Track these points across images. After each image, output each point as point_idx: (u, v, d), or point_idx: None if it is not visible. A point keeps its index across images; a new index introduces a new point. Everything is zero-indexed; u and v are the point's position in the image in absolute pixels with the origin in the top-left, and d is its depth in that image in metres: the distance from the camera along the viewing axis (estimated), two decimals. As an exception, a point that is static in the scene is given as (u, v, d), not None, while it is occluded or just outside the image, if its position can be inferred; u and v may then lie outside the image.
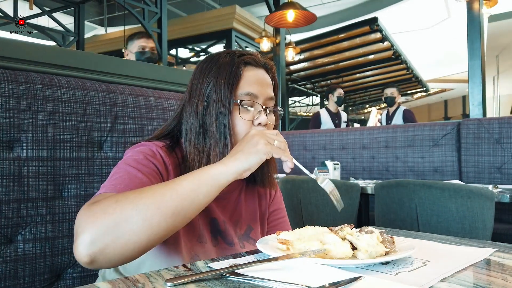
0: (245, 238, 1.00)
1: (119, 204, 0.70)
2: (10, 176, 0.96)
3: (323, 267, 0.66)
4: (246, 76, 0.92)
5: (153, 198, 0.71)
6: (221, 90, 0.90)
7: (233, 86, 0.90)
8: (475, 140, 2.98)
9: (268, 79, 0.97)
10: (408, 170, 3.33)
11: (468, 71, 3.61)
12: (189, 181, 0.75)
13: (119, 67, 1.44)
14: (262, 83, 0.94)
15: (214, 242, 0.95)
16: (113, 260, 0.69)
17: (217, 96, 0.90)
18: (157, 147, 0.90)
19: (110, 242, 0.67)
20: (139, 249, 0.70)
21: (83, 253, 0.66)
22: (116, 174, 0.83)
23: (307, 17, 4.31)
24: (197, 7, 10.45)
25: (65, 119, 1.06)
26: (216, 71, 0.92)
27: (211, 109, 0.90)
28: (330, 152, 3.77)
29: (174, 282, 0.58)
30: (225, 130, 0.89)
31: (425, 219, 1.90)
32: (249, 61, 0.94)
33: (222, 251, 0.94)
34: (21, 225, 0.97)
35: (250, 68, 0.94)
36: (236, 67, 0.92)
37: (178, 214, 0.72)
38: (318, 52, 9.77)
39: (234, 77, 0.91)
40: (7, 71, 1.00)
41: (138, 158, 0.86)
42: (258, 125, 0.91)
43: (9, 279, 0.94)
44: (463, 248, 0.82)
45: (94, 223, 0.67)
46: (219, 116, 0.89)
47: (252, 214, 1.04)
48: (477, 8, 3.61)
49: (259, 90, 0.92)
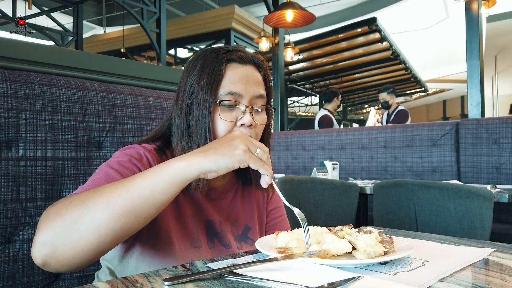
0: (243, 238, 0.99)
1: (71, 205, 0.67)
2: (8, 176, 0.95)
3: (322, 267, 0.66)
4: (229, 74, 0.88)
5: (102, 197, 0.67)
6: (203, 89, 0.86)
7: (214, 85, 0.86)
8: (473, 140, 2.99)
9: (256, 76, 0.92)
10: (406, 170, 3.34)
11: (466, 71, 3.62)
12: (144, 177, 0.69)
13: (118, 67, 1.44)
14: (248, 81, 0.89)
15: (210, 245, 0.93)
16: (65, 264, 0.66)
17: (199, 95, 0.87)
18: (145, 151, 0.88)
19: (59, 245, 0.65)
20: (89, 252, 0.67)
21: (36, 255, 0.65)
22: (95, 175, 0.82)
23: (306, 17, 4.31)
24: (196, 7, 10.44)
25: (63, 119, 1.06)
26: (200, 69, 0.89)
27: (193, 109, 0.87)
28: (329, 152, 3.77)
29: (172, 282, 0.58)
30: (206, 132, 0.85)
31: (424, 219, 1.90)
32: (233, 58, 0.90)
33: (219, 253, 0.92)
34: (20, 225, 0.97)
35: (234, 65, 0.90)
36: (218, 65, 0.88)
37: (130, 213, 0.67)
38: (317, 52, 9.78)
39: (216, 76, 0.87)
40: (5, 71, 1.00)
41: (122, 160, 0.84)
42: (241, 126, 0.86)
43: (7, 279, 0.93)
44: (461, 248, 0.82)
45: (47, 224, 0.66)
46: (200, 116, 0.86)
47: (249, 213, 1.02)
48: (475, 9, 3.62)
49: (243, 89, 0.88)
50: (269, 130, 0.98)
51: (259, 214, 1.05)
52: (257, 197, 1.06)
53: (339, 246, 0.70)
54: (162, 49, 6.53)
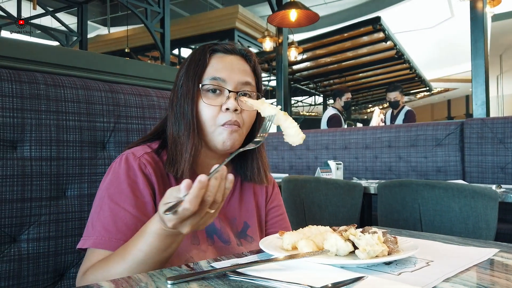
0: (242, 235, 1.00)
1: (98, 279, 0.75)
2: (13, 175, 0.96)
3: (325, 267, 0.66)
4: (213, 62, 0.93)
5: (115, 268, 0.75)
6: (189, 79, 0.91)
7: (198, 73, 0.91)
8: (478, 139, 2.97)
9: (243, 64, 0.95)
10: (411, 170, 3.32)
11: (471, 70, 3.60)
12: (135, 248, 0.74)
13: (122, 67, 1.44)
14: (233, 68, 0.93)
15: (210, 241, 0.94)
16: None
17: (185, 85, 0.91)
18: (140, 162, 0.89)
19: None
20: None
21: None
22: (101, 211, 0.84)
23: (310, 16, 4.31)
24: (199, 7, 10.46)
25: (68, 119, 1.06)
26: (188, 63, 0.94)
27: (181, 99, 0.92)
28: (332, 152, 3.77)
29: (176, 281, 0.58)
30: (191, 118, 0.89)
31: (428, 219, 1.89)
32: (218, 48, 0.95)
33: (219, 250, 0.94)
34: (25, 225, 0.97)
35: (219, 55, 0.94)
36: (204, 56, 0.93)
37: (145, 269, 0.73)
38: (321, 51, 9.76)
39: (200, 65, 0.92)
40: (10, 71, 1.01)
41: (121, 188, 0.86)
42: (226, 111, 0.89)
43: (13, 278, 0.94)
44: (466, 248, 0.81)
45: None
46: (185, 104, 0.90)
47: (248, 211, 1.03)
48: (480, 7, 3.60)
49: (227, 75, 0.91)
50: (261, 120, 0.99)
51: (258, 211, 1.06)
52: (256, 195, 1.07)
53: (341, 247, 0.70)
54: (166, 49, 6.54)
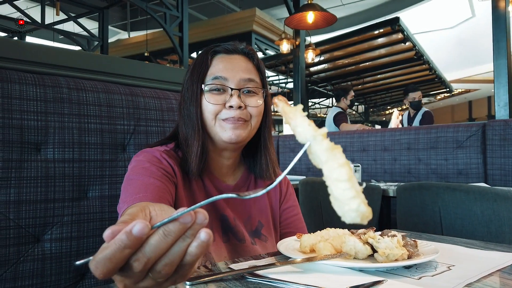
0: (256, 234, 1.01)
1: None
2: (37, 177, 0.99)
3: (344, 270, 0.65)
4: (215, 63, 0.96)
5: None
6: (193, 82, 0.94)
7: (200, 75, 0.94)
8: (501, 141, 2.90)
9: (245, 62, 0.98)
10: (431, 172, 3.26)
11: (493, 71, 3.53)
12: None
13: (142, 70, 1.47)
14: (234, 67, 0.95)
15: (225, 239, 0.95)
16: None
17: (190, 88, 0.95)
18: (160, 152, 0.93)
19: None
20: None
21: None
22: (130, 185, 0.85)
23: (327, 18, 4.29)
24: (217, 10, 10.54)
25: (90, 122, 1.08)
26: (192, 67, 0.97)
27: (186, 102, 0.95)
28: (350, 154, 3.73)
29: (194, 281, 0.59)
30: (195, 119, 0.92)
31: (449, 222, 1.86)
32: (219, 50, 0.98)
33: (233, 247, 0.95)
34: (48, 225, 1.00)
35: (220, 56, 0.97)
36: (206, 58, 0.96)
37: None
38: (339, 53, 9.70)
39: (203, 67, 0.95)
40: (34, 75, 1.04)
41: (144, 166, 0.88)
42: (230, 108, 0.91)
43: (36, 277, 0.96)
44: (489, 253, 0.80)
45: None
46: (190, 106, 0.94)
47: (262, 210, 1.05)
48: (502, 7, 3.52)
49: (229, 73, 0.94)
50: (268, 118, 1.00)
51: (272, 211, 1.07)
52: (270, 194, 1.08)
53: (360, 250, 0.69)
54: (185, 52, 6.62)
